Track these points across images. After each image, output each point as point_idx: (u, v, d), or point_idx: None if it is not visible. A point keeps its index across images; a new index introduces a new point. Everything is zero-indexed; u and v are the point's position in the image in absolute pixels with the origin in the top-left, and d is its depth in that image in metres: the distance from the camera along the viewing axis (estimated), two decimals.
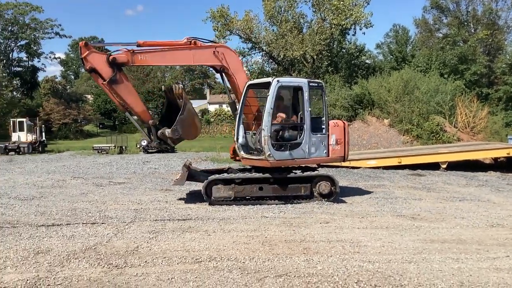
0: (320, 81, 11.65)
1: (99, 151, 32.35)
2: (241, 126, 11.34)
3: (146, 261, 6.44)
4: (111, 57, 10.34)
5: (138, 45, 10.81)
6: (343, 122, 11.72)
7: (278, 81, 10.68)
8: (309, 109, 10.88)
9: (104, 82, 10.37)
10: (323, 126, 11.29)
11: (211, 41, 11.80)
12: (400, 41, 57.22)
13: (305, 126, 10.91)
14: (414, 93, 28.87)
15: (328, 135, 11.23)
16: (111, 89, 10.50)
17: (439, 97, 29.28)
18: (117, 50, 10.68)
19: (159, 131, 11.03)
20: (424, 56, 44.29)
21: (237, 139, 11.36)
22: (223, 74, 11.73)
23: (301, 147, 10.91)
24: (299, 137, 10.95)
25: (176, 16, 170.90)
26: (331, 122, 11.44)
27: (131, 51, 10.52)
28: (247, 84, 11.33)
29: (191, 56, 11.30)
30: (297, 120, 11.16)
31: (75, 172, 18.55)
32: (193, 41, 11.14)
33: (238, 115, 11.33)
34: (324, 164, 13.66)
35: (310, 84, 11.08)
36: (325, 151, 11.21)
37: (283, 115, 11.22)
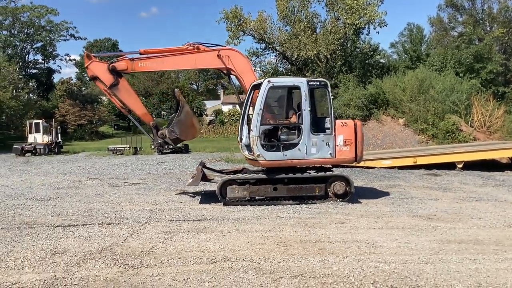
0: (324, 80, 11.22)
1: (114, 152, 32.59)
2: (245, 126, 11.30)
3: (161, 262, 6.47)
4: (111, 66, 11.26)
5: (140, 54, 11.43)
6: (354, 122, 11.18)
7: (269, 81, 10.72)
8: (308, 108, 10.69)
9: (105, 88, 11.41)
10: (329, 126, 11.05)
11: (216, 45, 11.82)
12: (414, 40, 56.74)
13: (303, 126, 10.75)
14: (429, 92, 28.62)
15: (335, 135, 10.87)
16: (112, 94, 11.57)
17: (455, 96, 28.98)
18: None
19: (159, 132, 11.63)
20: (439, 55, 43.86)
21: (241, 139, 11.44)
22: (231, 76, 11.86)
23: (298, 148, 10.75)
24: (297, 137, 10.84)
25: (190, 17, 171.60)
26: (338, 121, 11.00)
27: (131, 59, 11.30)
28: (252, 85, 11.34)
29: (193, 61, 11.56)
30: (296, 120, 11.05)
31: (91, 173, 18.71)
32: (196, 46, 11.42)
33: (242, 115, 11.38)
34: (338, 164, 13.43)
35: (310, 83, 10.83)
36: (330, 152, 10.81)
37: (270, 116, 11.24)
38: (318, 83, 11.02)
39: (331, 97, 11.00)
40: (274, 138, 10.94)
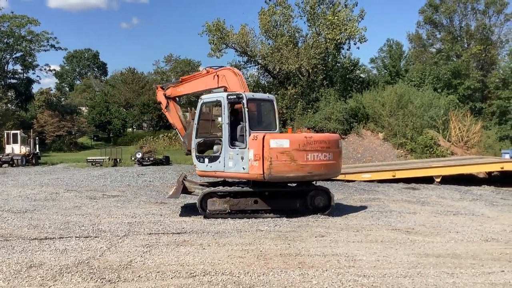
0: (240, 93, 10.99)
1: (93, 163, 32.21)
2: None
3: (139, 276, 6.38)
4: (164, 92, 13.17)
5: (181, 81, 13.19)
6: (263, 136, 10.33)
7: (201, 99, 11.80)
8: (227, 122, 10.90)
9: (163, 109, 13.39)
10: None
11: (220, 66, 12.40)
12: (394, 55, 57.61)
13: (223, 140, 10.96)
14: (408, 107, 29.00)
15: (248, 149, 10.49)
16: (167, 114, 13.34)
17: (433, 111, 29.43)
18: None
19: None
20: (418, 71, 44.59)
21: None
22: None
23: (219, 160, 11.00)
24: (220, 151, 11.07)
25: (173, 28, 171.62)
26: (252, 135, 10.55)
27: (174, 86, 13.19)
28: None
29: (204, 83, 12.47)
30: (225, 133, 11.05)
31: (69, 184, 18.45)
32: (208, 69, 12.34)
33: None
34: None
35: (229, 97, 10.99)
36: (243, 166, 10.52)
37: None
38: (235, 97, 10.95)
39: (246, 110, 10.70)
40: (203, 151, 11.66)
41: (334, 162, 11.01)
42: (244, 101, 10.72)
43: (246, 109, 10.71)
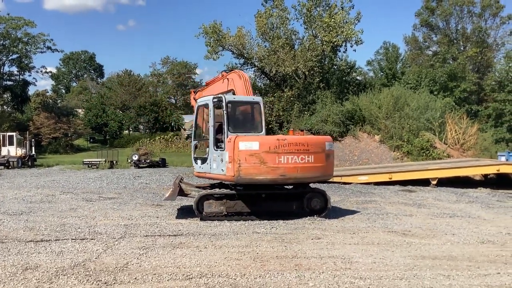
0: (220, 96, 11.16)
1: (89, 165, 32.12)
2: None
3: (136, 278, 6.37)
4: (194, 96, 13.74)
5: (206, 85, 13.82)
6: (235, 138, 10.39)
7: (197, 102, 12.40)
8: (212, 124, 11.13)
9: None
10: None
11: (231, 70, 13.16)
12: (390, 58, 57.77)
13: (209, 142, 11.19)
14: (404, 109, 29.07)
15: (225, 151, 10.61)
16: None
17: (429, 114, 29.51)
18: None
19: None
20: (414, 73, 44.71)
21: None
22: None
23: (207, 162, 11.34)
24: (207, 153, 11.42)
25: (168, 31, 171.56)
26: (228, 137, 10.65)
27: (201, 89, 13.84)
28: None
29: (219, 87, 12.80)
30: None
31: (65, 187, 18.40)
32: (222, 73, 12.86)
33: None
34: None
35: (213, 100, 11.12)
36: (222, 168, 10.63)
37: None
38: (217, 100, 11.07)
39: (225, 112, 10.86)
40: (201, 152, 11.96)
41: (317, 165, 10.68)
42: (223, 103, 10.84)
43: (225, 112, 10.84)
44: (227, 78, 12.29)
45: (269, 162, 10.16)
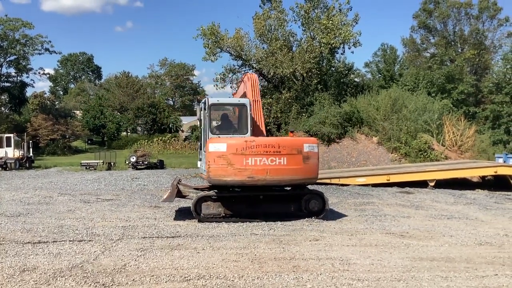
0: (205, 99, 11.94)
1: (87, 167, 32.05)
2: None
3: (133, 280, 6.36)
4: None
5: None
6: (210, 139, 10.75)
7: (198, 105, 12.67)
8: (201, 126, 11.78)
9: None
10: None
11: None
12: (388, 60, 57.95)
13: (202, 143, 11.74)
14: (402, 111, 29.09)
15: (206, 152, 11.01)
16: None
17: (427, 116, 29.52)
18: None
19: None
20: (412, 75, 44.74)
21: None
22: None
23: (200, 162, 12.06)
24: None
25: (166, 32, 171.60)
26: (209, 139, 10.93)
27: (234, 93, 13.96)
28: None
29: (240, 90, 13.28)
30: None
31: (62, 188, 18.37)
32: (242, 77, 13.60)
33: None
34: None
35: (200, 104, 11.91)
36: (204, 168, 11.20)
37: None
38: (203, 103, 11.78)
39: (207, 115, 11.40)
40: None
41: (292, 167, 10.47)
42: (206, 106, 11.36)
43: (207, 114, 11.30)
44: (243, 81, 12.99)
45: (236, 164, 10.21)
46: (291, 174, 10.58)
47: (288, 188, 11.50)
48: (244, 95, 12.62)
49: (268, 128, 29.82)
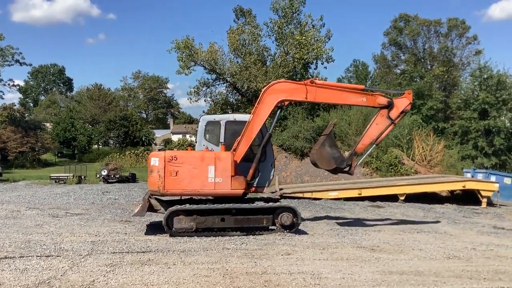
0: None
1: (57, 180, 31.39)
2: None
3: None
4: None
5: None
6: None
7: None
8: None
9: None
10: None
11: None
12: (360, 76, 58.94)
13: None
14: None
15: None
16: None
17: (397, 131, 30.03)
18: None
19: None
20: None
21: None
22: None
23: None
24: None
25: (139, 45, 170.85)
26: None
27: None
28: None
29: None
30: None
31: (31, 202, 17.94)
32: None
33: None
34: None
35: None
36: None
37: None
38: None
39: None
40: None
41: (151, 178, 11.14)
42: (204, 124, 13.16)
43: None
44: None
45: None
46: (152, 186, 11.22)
47: (261, 202, 11.51)
48: None
49: None
